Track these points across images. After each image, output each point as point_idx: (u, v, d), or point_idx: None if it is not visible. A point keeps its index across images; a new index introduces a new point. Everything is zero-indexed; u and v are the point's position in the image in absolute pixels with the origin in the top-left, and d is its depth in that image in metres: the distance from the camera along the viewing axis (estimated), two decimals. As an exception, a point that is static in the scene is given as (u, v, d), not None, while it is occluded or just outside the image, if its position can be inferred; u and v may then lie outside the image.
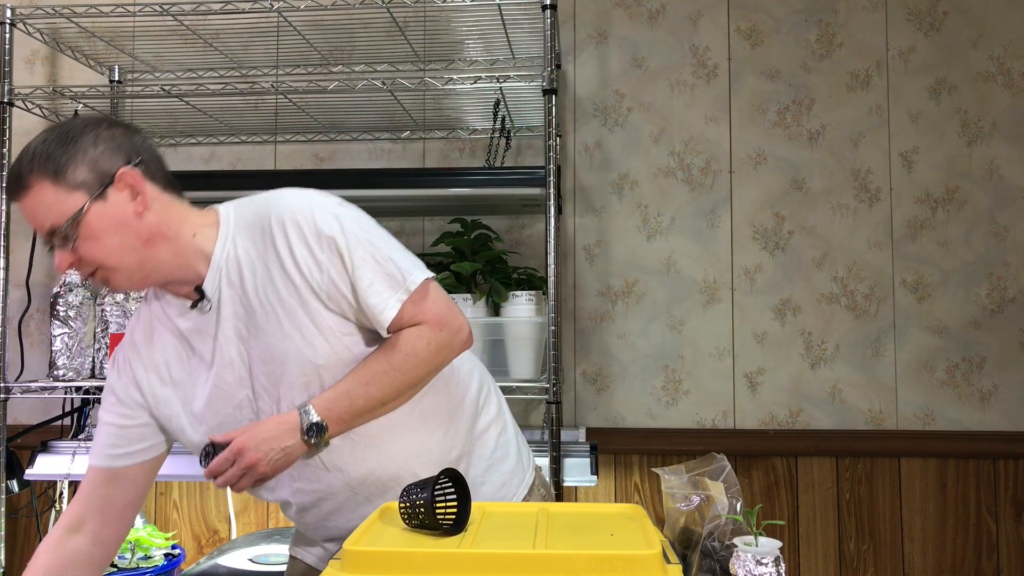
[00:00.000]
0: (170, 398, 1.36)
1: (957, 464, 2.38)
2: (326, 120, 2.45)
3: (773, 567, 1.02)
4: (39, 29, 2.25)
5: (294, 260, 1.26)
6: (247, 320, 1.29)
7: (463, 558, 1.02)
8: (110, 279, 1.27)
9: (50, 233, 1.24)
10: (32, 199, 1.24)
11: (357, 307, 1.28)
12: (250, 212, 1.33)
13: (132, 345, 1.39)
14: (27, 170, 1.24)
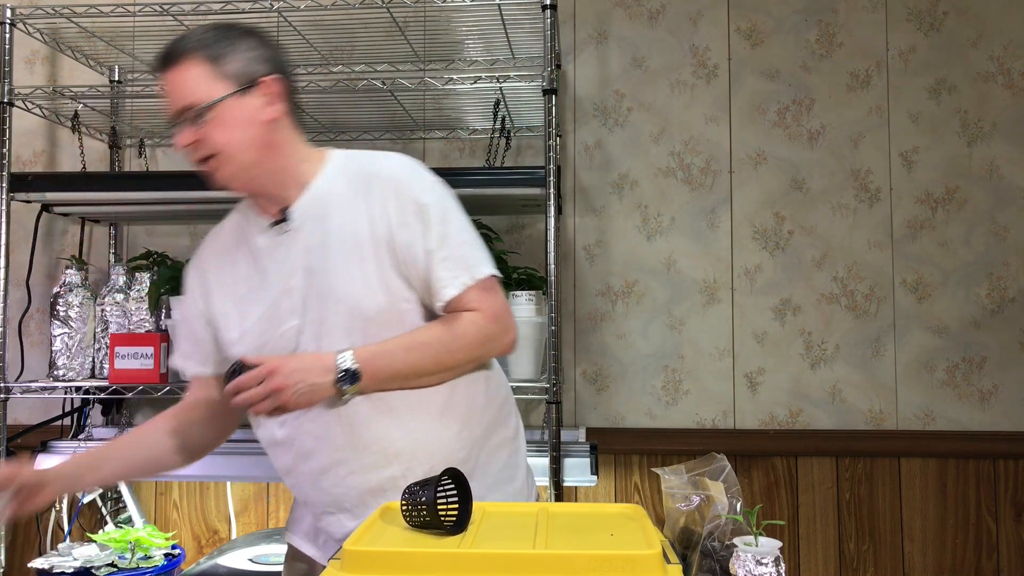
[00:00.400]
0: (228, 312, 1.42)
1: (957, 464, 2.38)
2: (326, 120, 2.45)
3: (773, 567, 1.02)
4: (39, 29, 2.25)
5: (385, 214, 1.34)
6: (320, 255, 1.35)
7: (464, 558, 1.02)
8: (220, 168, 1.34)
9: (184, 109, 1.32)
10: (180, 73, 1.32)
11: (424, 278, 1.35)
12: (357, 162, 1.42)
13: (208, 255, 1.49)
14: (185, 47, 1.33)
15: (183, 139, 1.32)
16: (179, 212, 2.47)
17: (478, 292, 1.36)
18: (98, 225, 2.57)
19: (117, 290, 2.25)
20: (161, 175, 2.47)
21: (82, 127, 2.45)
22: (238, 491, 2.48)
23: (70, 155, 2.58)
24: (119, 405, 2.49)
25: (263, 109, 1.35)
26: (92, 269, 2.50)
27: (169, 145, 2.59)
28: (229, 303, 1.42)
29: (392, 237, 1.34)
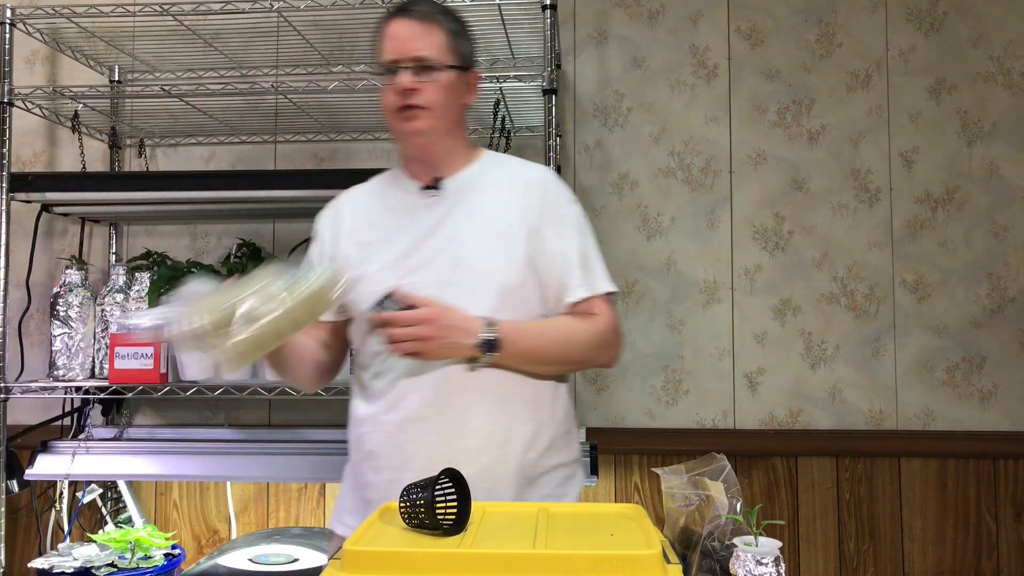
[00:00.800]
0: (351, 255, 1.51)
1: (957, 464, 2.38)
2: (326, 120, 2.45)
3: (773, 567, 1.02)
4: (39, 29, 2.25)
5: (531, 212, 1.49)
6: (465, 227, 1.47)
7: (463, 558, 1.02)
8: (420, 120, 1.46)
9: (416, 59, 1.45)
10: (425, 28, 1.47)
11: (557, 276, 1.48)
12: (508, 162, 1.61)
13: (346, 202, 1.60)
14: (434, 11, 1.49)
15: (406, 81, 1.44)
16: (179, 212, 2.47)
17: (601, 302, 1.52)
18: (98, 225, 2.57)
19: (117, 290, 2.25)
20: (161, 175, 2.47)
21: (82, 127, 2.45)
22: (238, 491, 2.49)
23: (70, 155, 2.58)
24: (119, 405, 2.49)
25: (466, 93, 1.53)
26: (92, 269, 2.50)
27: (170, 145, 2.59)
28: (354, 247, 1.52)
29: (535, 232, 1.48)
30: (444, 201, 1.50)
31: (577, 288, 1.49)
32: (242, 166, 2.57)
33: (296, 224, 2.52)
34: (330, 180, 2.19)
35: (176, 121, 2.47)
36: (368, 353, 1.50)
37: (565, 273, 1.49)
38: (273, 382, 2.14)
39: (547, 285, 1.49)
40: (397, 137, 1.53)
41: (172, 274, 2.21)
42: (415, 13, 1.47)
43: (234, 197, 2.20)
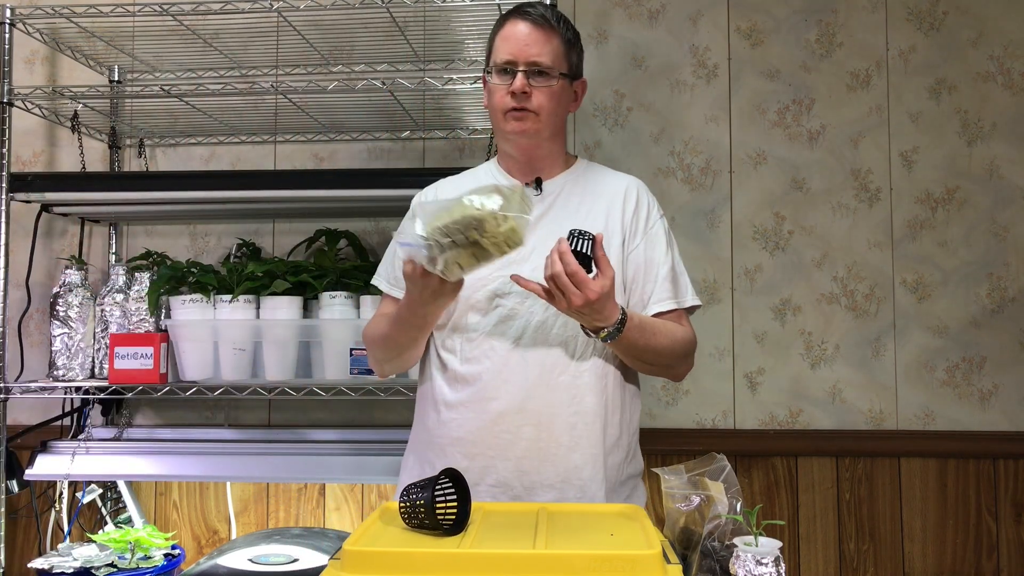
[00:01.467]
0: None
1: (957, 464, 2.38)
2: (326, 120, 2.45)
3: (773, 567, 1.02)
4: (39, 29, 2.25)
5: (634, 217, 1.57)
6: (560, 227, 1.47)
7: (463, 558, 1.02)
8: (530, 123, 1.52)
9: (533, 63, 1.50)
10: (546, 35, 1.52)
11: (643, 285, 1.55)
12: (603, 171, 1.66)
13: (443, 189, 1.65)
14: (555, 20, 1.54)
15: (522, 85, 1.49)
16: (179, 212, 2.47)
17: (685, 316, 1.59)
18: (98, 225, 2.57)
19: (117, 290, 2.25)
20: (161, 175, 2.47)
21: (82, 127, 2.45)
22: (238, 491, 2.48)
23: (70, 155, 2.58)
24: (119, 405, 2.49)
25: (573, 101, 1.60)
26: (92, 269, 2.50)
27: (170, 145, 2.59)
28: None
29: (627, 241, 1.55)
30: (543, 201, 1.56)
31: (666, 300, 1.55)
32: (242, 166, 2.57)
33: (296, 224, 2.52)
34: (330, 180, 2.20)
35: (176, 121, 2.47)
36: (461, 338, 1.52)
37: (654, 284, 1.56)
38: (273, 382, 2.14)
39: (634, 293, 1.56)
40: (501, 136, 1.57)
41: (172, 274, 2.21)
42: (536, 18, 1.52)
43: (234, 197, 2.20)
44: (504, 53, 1.51)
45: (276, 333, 2.15)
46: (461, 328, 1.53)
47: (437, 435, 1.55)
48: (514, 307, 1.50)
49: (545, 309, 1.48)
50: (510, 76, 1.51)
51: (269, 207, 2.38)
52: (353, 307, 2.17)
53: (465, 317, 1.52)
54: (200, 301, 2.16)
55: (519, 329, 1.50)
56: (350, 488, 2.46)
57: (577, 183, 1.60)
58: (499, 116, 1.53)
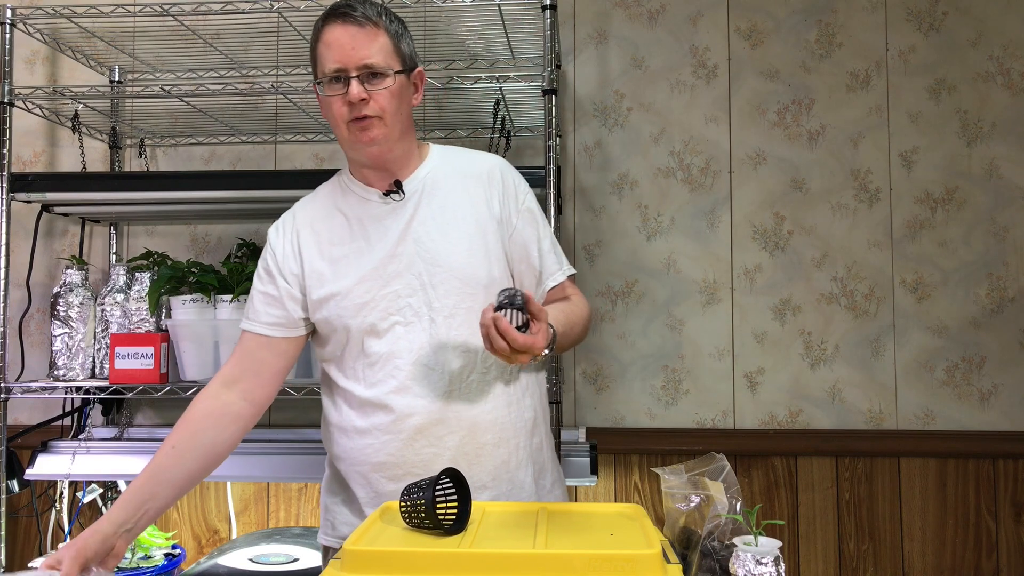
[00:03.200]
0: (322, 271, 1.49)
1: (957, 464, 2.38)
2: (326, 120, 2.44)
3: (773, 567, 1.02)
4: (39, 29, 2.25)
5: (502, 198, 1.52)
6: (432, 227, 1.47)
7: (463, 558, 1.02)
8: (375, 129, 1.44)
9: (364, 67, 1.41)
10: (368, 34, 1.41)
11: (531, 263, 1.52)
12: (460, 155, 1.59)
13: (303, 217, 1.55)
14: (373, 15, 1.42)
15: (359, 94, 1.40)
16: (179, 212, 2.47)
17: (571, 283, 1.58)
18: (98, 225, 2.57)
19: (117, 290, 2.25)
20: (161, 175, 2.47)
21: (82, 127, 2.45)
22: (238, 491, 2.49)
23: (70, 155, 2.58)
24: (119, 405, 2.49)
25: (414, 94, 1.52)
26: (92, 269, 2.50)
27: (170, 145, 2.59)
28: (323, 263, 1.49)
29: (503, 223, 1.50)
30: (406, 204, 1.49)
31: (556, 272, 1.54)
32: (242, 166, 2.57)
33: (296, 224, 2.52)
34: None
35: (176, 121, 2.47)
36: (361, 364, 1.48)
37: (540, 260, 1.53)
38: (273, 382, 2.14)
39: (522, 273, 1.53)
40: (349, 147, 1.49)
41: (172, 274, 2.21)
42: (357, 18, 1.41)
43: (234, 197, 2.20)
44: (331, 61, 1.41)
45: (276, 333, 2.15)
46: (360, 355, 1.47)
47: (355, 462, 1.50)
48: (407, 321, 1.45)
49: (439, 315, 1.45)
50: (343, 84, 1.41)
51: (269, 207, 2.37)
52: (353, 307, 2.17)
53: (360, 342, 1.47)
54: (200, 301, 2.16)
55: (418, 341, 1.45)
56: (350, 488, 2.45)
57: (437, 174, 1.53)
58: (342, 128, 1.45)
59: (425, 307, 1.44)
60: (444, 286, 1.45)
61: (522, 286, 1.52)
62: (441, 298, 1.45)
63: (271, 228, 1.58)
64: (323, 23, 1.44)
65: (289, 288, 1.51)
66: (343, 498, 1.55)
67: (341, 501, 1.56)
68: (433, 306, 1.45)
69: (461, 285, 1.45)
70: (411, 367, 1.44)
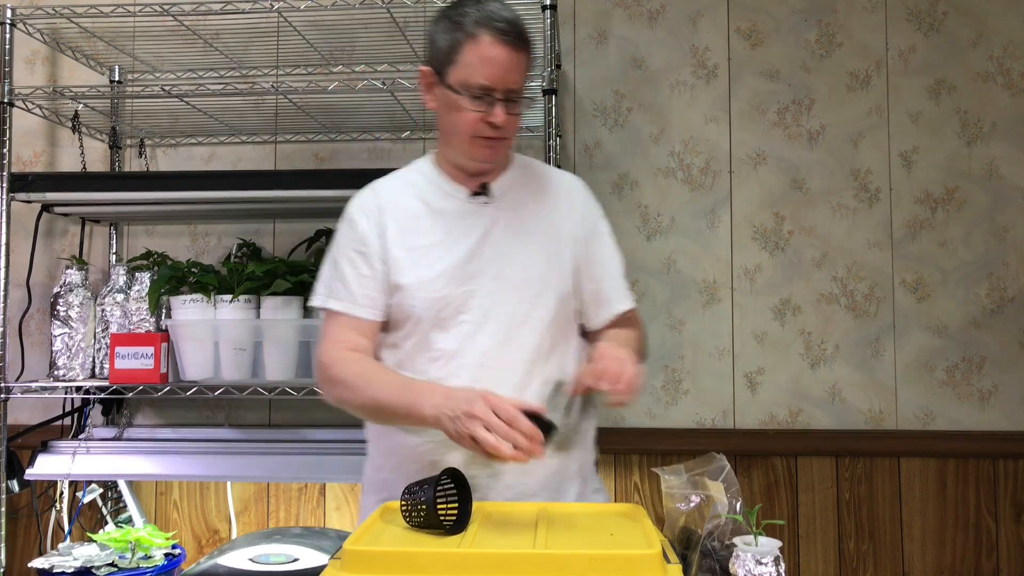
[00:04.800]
0: (401, 257, 1.47)
1: (957, 464, 2.38)
2: (326, 120, 2.45)
3: (773, 567, 1.02)
4: (39, 29, 2.25)
5: (580, 217, 1.55)
6: (513, 232, 1.48)
7: (463, 558, 1.02)
8: (501, 148, 1.48)
9: (512, 91, 1.42)
10: (519, 58, 1.42)
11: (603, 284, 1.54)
12: (542, 166, 1.64)
13: (385, 198, 1.53)
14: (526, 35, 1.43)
15: (501, 116, 1.41)
16: (179, 212, 2.47)
17: (635, 311, 1.59)
18: (98, 225, 2.57)
19: (117, 290, 2.25)
20: (161, 175, 2.47)
21: (82, 127, 2.45)
22: (238, 491, 2.49)
23: (70, 155, 2.58)
24: (119, 405, 2.49)
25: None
26: (92, 269, 2.50)
27: (170, 145, 2.59)
28: (402, 250, 1.48)
29: (580, 242, 1.53)
30: (491, 207, 1.50)
31: (624, 299, 1.56)
32: (242, 166, 2.57)
33: (296, 224, 2.52)
34: (330, 180, 2.19)
35: (176, 121, 2.47)
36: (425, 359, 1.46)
37: (611, 284, 1.55)
38: (273, 382, 2.14)
39: (591, 292, 1.54)
40: (462, 154, 1.48)
41: (172, 274, 2.21)
42: (517, 41, 1.40)
43: (234, 197, 2.20)
44: (482, 78, 1.39)
45: (276, 333, 2.15)
46: (424, 348, 1.47)
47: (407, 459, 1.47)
48: (476, 322, 1.45)
49: (508, 320, 1.45)
50: (486, 103, 1.41)
51: (269, 207, 2.38)
52: (353, 307, 2.17)
53: (427, 336, 1.46)
54: (200, 301, 2.16)
55: (484, 344, 1.45)
56: (351, 488, 2.46)
57: (520, 183, 1.55)
58: (464, 137, 1.44)
59: (496, 311, 1.45)
60: (518, 293, 1.46)
61: (584, 305, 1.54)
62: (514, 304, 1.45)
63: (354, 208, 1.54)
64: (481, 31, 1.39)
65: (379, 270, 1.49)
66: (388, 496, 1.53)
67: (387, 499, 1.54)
68: (504, 311, 1.45)
69: (535, 295, 1.46)
70: (475, 368, 1.44)
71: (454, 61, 1.42)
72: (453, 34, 1.41)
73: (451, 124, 1.46)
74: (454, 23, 1.42)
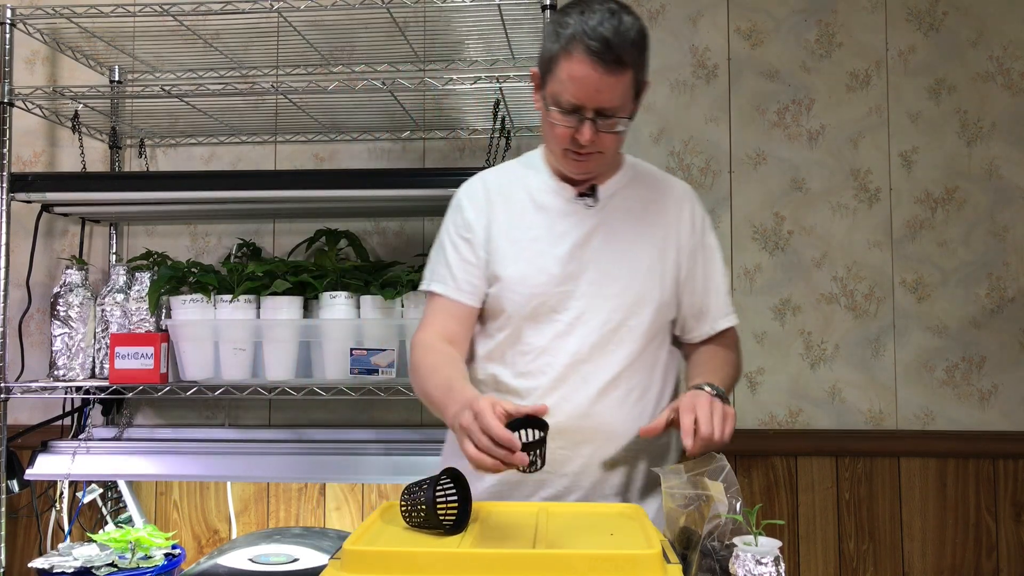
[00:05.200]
0: (504, 249, 1.47)
1: (957, 464, 2.38)
2: (326, 120, 2.45)
3: (773, 567, 1.02)
4: (39, 29, 2.25)
5: (690, 227, 1.53)
6: (616, 239, 1.46)
7: (463, 558, 1.02)
8: (593, 164, 1.44)
9: (603, 110, 1.36)
10: (612, 78, 1.34)
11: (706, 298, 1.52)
12: (654, 172, 1.60)
13: (493, 187, 1.52)
14: (630, 58, 1.35)
15: (587, 136, 1.37)
16: (179, 212, 2.47)
17: (733, 332, 1.58)
18: (98, 225, 2.57)
19: (117, 290, 2.25)
20: (161, 175, 2.47)
21: (82, 127, 2.45)
22: (238, 491, 2.49)
23: (70, 155, 2.58)
24: (119, 405, 2.49)
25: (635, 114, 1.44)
26: (92, 269, 2.50)
27: (170, 145, 2.59)
28: (506, 243, 1.47)
29: (685, 253, 1.51)
30: (597, 210, 1.49)
31: (729, 316, 1.55)
32: (242, 166, 2.57)
33: (296, 224, 2.52)
34: (330, 180, 2.20)
35: (176, 121, 2.47)
36: (514, 351, 1.46)
37: (715, 300, 1.54)
38: (273, 382, 2.14)
39: (692, 306, 1.53)
40: (559, 164, 1.47)
41: (172, 274, 2.21)
42: (610, 62, 1.32)
43: (234, 197, 2.20)
44: (570, 95, 1.35)
45: (276, 333, 2.15)
46: (516, 341, 1.47)
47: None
48: (570, 322, 1.45)
49: (602, 326, 1.45)
50: (574, 118, 1.37)
51: (269, 207, 2.38)
52: (353, 307, 2.17)
53: (520, 330, 1.46)
54: (201, 301, 2.16)
55: (576, 346, 1.45)
56: (350, 488, 2.46)
57: (629, 187, 1.53)
58: (557, 148, 1.43)
59: (591, 315, 1.44)
60: (616, 300, 1.45)
61: (684, 318, 1.53)
62: (609, 311, 1.45)
63: (463, 195, 1.54)
64: (575, 47, 1.34)
65: (482, 258, 1.49)
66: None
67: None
68: (599, 316, 1.45)
69: (631, 304, 1.46)
70: (563, 368, 1.44)
71: (551, 71, 1.39)
72: (552, 44, 1.38)
73: (546, 133, 1.46)
74: (556, 33, 1.38)
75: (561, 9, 1.42)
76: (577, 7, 1.37)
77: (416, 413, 2.44)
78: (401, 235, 2.52)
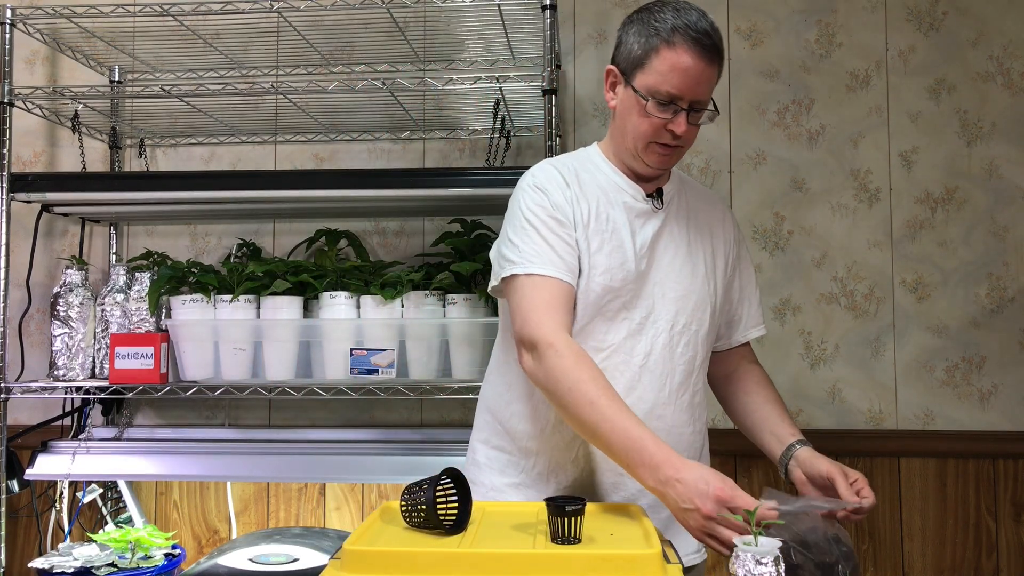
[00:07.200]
0: (583, 241, 1.45)
1: (957, 464, 2.38)
2: (326, 120, 2.45)
3: (773, 567, 1.02)
4: (39, 29, 2.25)
5: (736, 240, 1.61)
6: (677, 243, 1.50)
7: (463, 558, 1.02)
8: (676, 155, 1.47)
9: (696, 102, 1.40)
10: (712, 70, 1.40)
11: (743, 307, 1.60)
12: (695, 182, 1.66)
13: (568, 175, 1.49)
14: (720, 46, 1.41)
15: (682, 127, 1.40)
16: (179, 212, 2.47)
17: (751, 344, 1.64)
18: (98, 225, 2.57)
19: (117, 290, 2.25)
20: (161, 175, 2.47)
21: (82, 127, 2.45)
22: (238, 491, 2.49)
23: (70, 155, 2.58)
24: (119, 405, 2.49)
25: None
26: (92, 269, 2.50)
27: (170, 145, 2.59)
28: (586, 232, 1.45)
29: (731, 262, 1.58)
30: (661, 213, 1.51)
31: (759, 326, 1.63)
32: (242, 166, 2.57)
33: (296, 224, 2.52)
34: (330, 180, 2.20)
35: (176, 121, 2.47)
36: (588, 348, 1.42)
37: (749, 308, 1.61)
38: (273, 382, 2.14)
39: (727, 313, 1.60)
40: (633, 158, 1.47)
41: (172, 274, 2.21)
42: (711, 53, 1.38)
43: (234, 197, 2.20)
44: (672, 87, 1.38)
45: (276, 333, 2.15)
46: (588, 336, 1.44)
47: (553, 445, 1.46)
48: (640, 322, 1.45)
49: (670, 327, 1.47)
50: (671, 111, 1.39)
51: (269, 207, 2.38)
52: (353, 307, 2.17)
53: (593, 323, 1.44)
54: (201, 301, 2.16)
55: (647, 346, 1.45)
56: (350, 488, 2.46)
57: (681, 194, 1.57)
58: (640, 141, 1.44)
59: (658, 316, 1.46)
60: (681, 303, 1.48)
61: (717, 326, 1.57)
62: (675, 314, 1.47)
63: (542, 179, 1.47)
64: (679, 39, 1.37)
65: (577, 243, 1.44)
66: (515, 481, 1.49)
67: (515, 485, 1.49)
68: (667, 318, 1.47)
69: (694, 307, 1.49)
70: (637, 369, 1.44)
71: (644, 65, 1.40)
72: (648, 38, 1.39)
73: (630, 126, 1.45)
74: (651, 28, 1.39)
75: (643, 8, 1.45)
76: (666, 6, 1.41)
77: (416, 413, 2.44)
78: (401, 235, 2.52)
